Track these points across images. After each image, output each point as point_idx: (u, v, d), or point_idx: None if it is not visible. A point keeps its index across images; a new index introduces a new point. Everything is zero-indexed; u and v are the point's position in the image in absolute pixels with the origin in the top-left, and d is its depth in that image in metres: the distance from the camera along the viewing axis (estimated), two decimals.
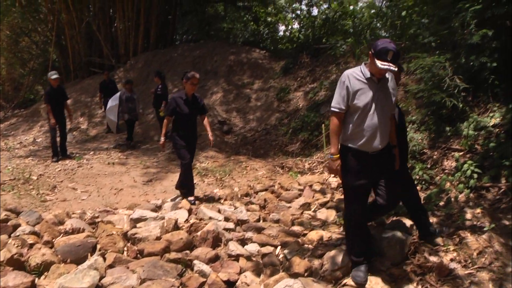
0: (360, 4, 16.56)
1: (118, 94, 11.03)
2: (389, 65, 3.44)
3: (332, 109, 3.81)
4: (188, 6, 20.54)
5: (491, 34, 6.72)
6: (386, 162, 3.90)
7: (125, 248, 4.47)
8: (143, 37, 17.91)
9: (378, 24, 13.41)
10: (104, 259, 4.11)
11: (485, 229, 4.67)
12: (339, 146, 3.86)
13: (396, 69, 3.48)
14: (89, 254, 4.25)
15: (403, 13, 10.71)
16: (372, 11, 14.84)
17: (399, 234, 4.34)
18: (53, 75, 9.35)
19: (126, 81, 11.46)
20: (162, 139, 6.43)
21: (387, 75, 3.72)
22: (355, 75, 3.71)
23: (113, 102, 11.04)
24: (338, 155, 3.82)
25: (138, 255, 4.31)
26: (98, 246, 4.43)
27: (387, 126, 3.78)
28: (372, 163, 3.78)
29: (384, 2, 15.21)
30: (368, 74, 3.65)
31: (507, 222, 4.88)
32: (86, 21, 17.69)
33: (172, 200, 6.46)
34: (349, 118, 3.76)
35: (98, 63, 18.08)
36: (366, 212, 3.98)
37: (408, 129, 7.45)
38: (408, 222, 4.82)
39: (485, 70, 6.73)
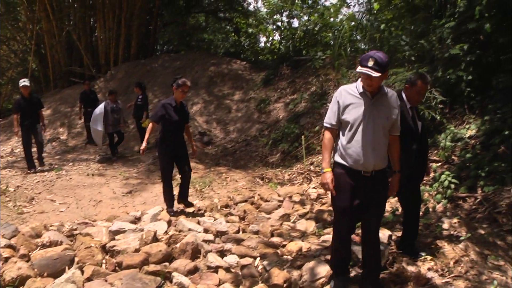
0: (340, 17, 16.75)
1: (102, 105, 10.64)
2: (367, 70, 3.36)
3: (324, 124, 3.79)
4: (169, 17, 20.60)
5: (466, 48, 6.93)
6: (378, 188, 3.71)
7: (104, 261, 4.42)
8: (124, 47, 17.90)
9: (358, 37, 13.60)
10: (82, 272, 4.05)
11: (461, 238, 4.78)
12: (333, 162, 3.78)
13: (376, 74, 3.35)
14: (66, 268, 4.19)
15: (382, 26, 10.90)
16: (352, 23, 15.03)
17: None
18: (22, 83, 8.92)
19: (109, 91, 11.20)
20: (144, 144, 6.32)
21: (387, 91, 3.61)
22: (348, 90, 3.65)
23: (97, 123, 10.61)
24: (330, 169, 3.73)
25: (117, 268, 4.27)
26: (76, 259, 4.36)
27: (382, 146, 3.61)
28: (364, 185, 3.64)
29: (363, 15, 15.45)
30: (361, 89, 3.57)
31: (482, 231, 5.01)
32: (66, 30, 17.58)
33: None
34: (341, 133, 3.69)
35: (79, 73, 17.95)
36: (352, 229, 3.94)
37: None
38: (386, 233, 4.88)
39: (461, 83, 6.91)
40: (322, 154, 3.85)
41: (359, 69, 3.44)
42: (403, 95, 4.39)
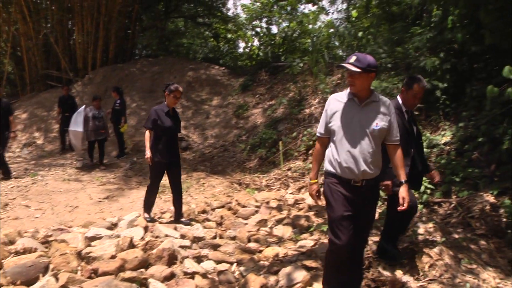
0: (319, 24, 16.92)
1: (82, 112, 9.92)
2: (346, 64, 3.35)
3: (316, 134, 3.77)
4: (148, 21, 20.52)
5: (442, 56, 7.10)
6: (368, 198, 3.58)
7: (79, 268, 4.36)
8: (102, 51, 17.72)
9: (336, 43, 13.76)
10: (57, 279, 4.00)
11: (436, 243, 4.88)
12: (324, 171, 3.65)
13: (355, 69, 3.30)
14: (40, 275, 4.13)
15: (360, 34, 11.08)
16: (331, 30, 15.20)
17: None
18: None
19: (93, 97, 10.58)
20: (148, 152, 5.99)
21: (379, 98, 3.50)
22: (337, 97, 3.58)
23: (76, 124, 9.79)
24: (316, 180, 3.71)
25: (93, 275, 4.22)
26: (51, 266, 4.30)
27: (372, 154, 3.42)
28: (356, 195, 3.50)
29: (342, 22, 15.64)
30: (349, 96, 3.49)
31: (456, 236, 5.14)
32: (43, 33, 17.34)
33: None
34: (331, 141, 3.58)
35: (56, 76, 17.72)
36: (349, 248, 3.54)
37: None
38: None
39: (436, 90, 7.07)
40: (312, 163, 3.82)
41: (339, 64, 3.49)
42: (399, 99, 4.41)
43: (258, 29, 18.06)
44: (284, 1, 16.95)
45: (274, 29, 20.08)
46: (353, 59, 3.35)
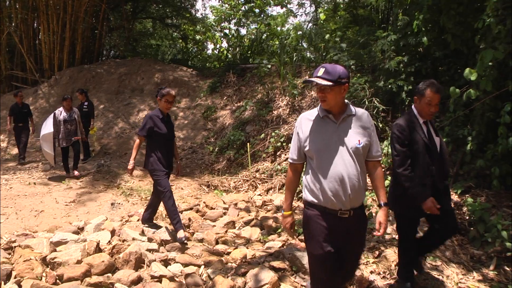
0: (287, 26, 17.09)
1: (51, 118, 9.12)
2: (314, 78, 2.94)
3: (288, 160, 3.28)
4: (115, 22, 20.27)
5: (406, 60, 7.31)
6: (357, 228, 3.14)
7: (44, 274, 4.31)
8: (69, 51, 17.40)
9: (304, 45, 13.92)
10: (20, 287, 3.97)
11: None
12: (304, 201, 3.19)
13: (324, 82, 2.90)
14: (2, 283, 4.08)
15: (327, 36, 11.25)
16: (299, 33, 15.35)
17: None
18: None
19: (63, 97, 9.37)
20: (132, 163, 5.70)
21: (355, 111, 3.07)
22: (308, 116, 3.12)
23: (46, 128, 9.03)
24: (290, 212, 3.26)
25: (58, 281, 4.19)
26: (14, 273, 4.25)
27: (358, 177, 2.96)
28: (342, 226, 3.04)
29: (309, 24, 15.85)
30: (322, 112, 3.05)
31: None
32: (7, 32, 16.94)
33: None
34: (308, 167, 3.13)
35: (21, 77, 17.36)
36: (334, 281, 3.23)
37: None
38: None
39: (402, 92, 7.25)
40: (284, 193, 3.35)
41: (306, 78, 3.21)
42: (414, 110, 3.97)
43: (226, 31, 18.13)
44: (253, 3, 17.06)
45: (243, 31, 20.18)
46: (321, 71, 2.94)
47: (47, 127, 9.00)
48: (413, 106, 4.00)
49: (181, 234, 5.38)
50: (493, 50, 4.94)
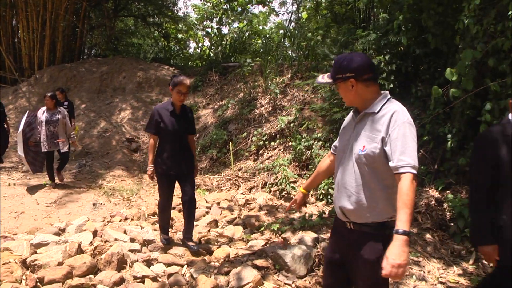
0: (269, 25, 17.13)
1: (24, 118, 8.18)
2: (318, 80, 2.69)
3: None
4: (96, 20, 20.08)
5: (387, 58, 7.40)
6: (357, 249, 2.51)
7: (24, 277, 4.24)
8: (49, 50, 17.21)
9: (287, 44, 13.97)
10: None
11: None
12: None
13: (322, 81, 2.63)
14: None
15: (309, 34, 11.31)
16: (281, 31, 15.41)
17: (303, 247, 4.62)
18: None
19: (49, 95, 8.19)
20: (150, 167, 5.14)
21: (379, 108, 2.47)
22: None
23: (18, 133, 8.05)
24: (303, 190, 3.11)
25: (38, 284, 4.14)
26: None
27: (360, 188, 2.47)
28: (344, 241, 2.63)
29: (291, 23, 15.90)
30: (354, 107, 2.69)
31: None
32: None
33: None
34: None
35: (1, 76, 17.11)
36: None
37: (313, 146, 7.90)
38: (312, 236, 5.10)
39: (382, 90, 7.34)
40: None
41: (317, 81, 2.75)
42: (510, 117, 2.93)
43: (208, 30, 18.07)
44: (235, 2, 17.04)
45: (225, 30, 20.17)
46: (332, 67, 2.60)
47: (20, 126, 8.04)
48: (509, 115, 2.95)
49: (164, 237, 5.33)
50: (472, 50, 5.04)
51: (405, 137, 2.31)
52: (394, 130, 2.34)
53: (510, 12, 4.86)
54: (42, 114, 8.09)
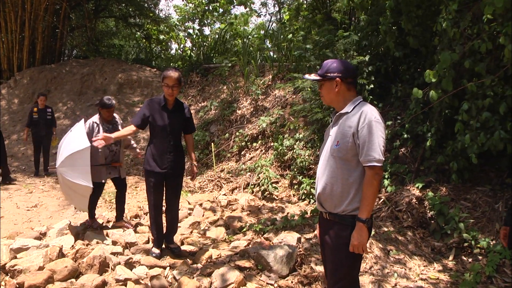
0: (251, 26, 17.15)
1: (79, 124, 6.07)
2: (305, 76, 2.99)
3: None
4: (77, 20, 19.88)
5: (367, 59, 7.50)
6: (327, 237, 2.87)
7: (3, 283, 4.18)
8: (29, 51, 16.97)
9: (269, 44, 14.01)
10: None
11: None
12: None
13: (310, 77, 2.88)
14: None
15: (289, 36, 11.37)
16: (262, 32, 15.44)
17: (285, 247, 4.65)
18: None
19: (102, 103, 6.34)
20: (106, 135, 4.68)
21: (352, 110, 2.75)
22: None
23: (75, 143, 5.86)
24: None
25: None
26: None
27: (332, 181, 2.77)
28: (321, 227, 3.00)
29: (272, 24, 15.97)
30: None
31: (386, 229, 5.48)
32: None
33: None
34: None
35: None
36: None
37: (295, 146, 7.96)
38: (295, 236, 5.13)
39: (364, 91, 7.45)
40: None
41: (303, 76, 3.05)
42: None
43: (190, 31, 18.01)
44: (216, 3, 17.04)
45: (206, 31, 20.15)
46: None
47: (78, 140, 5.49)
48: None
49: (155, 250, 5.03)
50: (450, 52, 5.15)
51: (371, 134, 2.62)
52: (363, 127, 2.64)
53: (484, 16, 4.98)
54: (96, 126, 6.09)
